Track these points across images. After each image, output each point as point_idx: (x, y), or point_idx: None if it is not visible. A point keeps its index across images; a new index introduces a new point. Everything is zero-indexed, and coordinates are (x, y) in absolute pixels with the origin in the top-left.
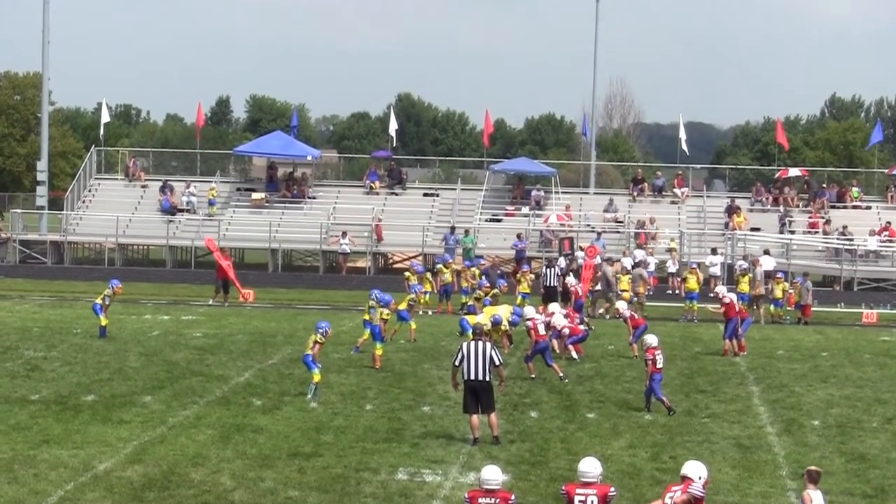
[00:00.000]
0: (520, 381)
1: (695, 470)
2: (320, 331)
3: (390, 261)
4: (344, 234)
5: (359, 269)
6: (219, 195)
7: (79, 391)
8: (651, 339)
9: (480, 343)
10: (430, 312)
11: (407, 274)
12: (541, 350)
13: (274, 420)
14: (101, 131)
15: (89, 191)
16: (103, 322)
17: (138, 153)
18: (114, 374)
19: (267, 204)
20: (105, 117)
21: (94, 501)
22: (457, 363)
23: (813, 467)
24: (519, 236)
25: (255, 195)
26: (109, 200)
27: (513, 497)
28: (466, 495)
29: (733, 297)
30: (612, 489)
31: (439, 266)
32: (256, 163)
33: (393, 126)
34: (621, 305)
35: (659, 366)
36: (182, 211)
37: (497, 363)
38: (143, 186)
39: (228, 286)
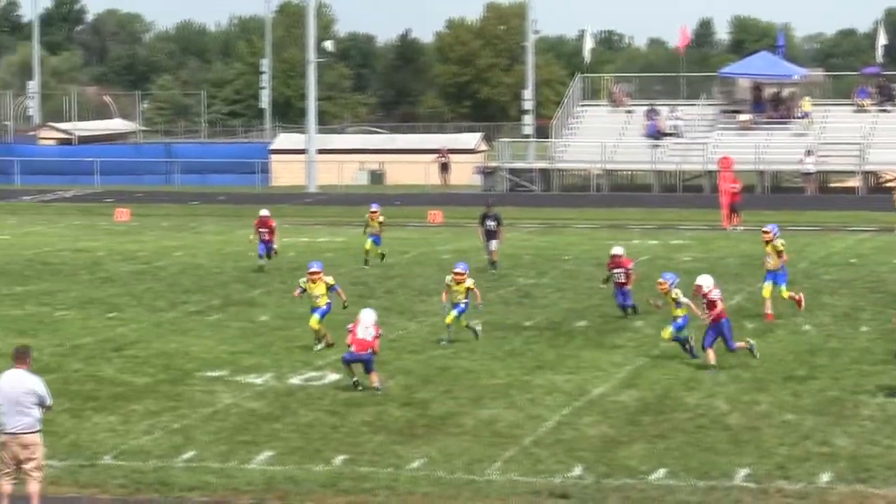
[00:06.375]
0: None
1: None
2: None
3: (881, 179)
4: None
5: (848, 188)
6: (703, 118)
7: (571, 317)
8: None
9: None
10: None
11: None
12: None
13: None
14: (587, 58)
15: (574, 118)
16: (369, 247)
17: (622, 79)
18: (604, 299)
19: (753, 126)
20: (589, 44)
21: (590, 425)
22: None
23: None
24: None
25: (741, 117)
26: (594, 127)
27: None
28: None
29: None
30: None
31: None
32: (741, 84)
33: (881, 41)
34: None
35: None
36: (667, 135)
37: None
38: (628, 112)
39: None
